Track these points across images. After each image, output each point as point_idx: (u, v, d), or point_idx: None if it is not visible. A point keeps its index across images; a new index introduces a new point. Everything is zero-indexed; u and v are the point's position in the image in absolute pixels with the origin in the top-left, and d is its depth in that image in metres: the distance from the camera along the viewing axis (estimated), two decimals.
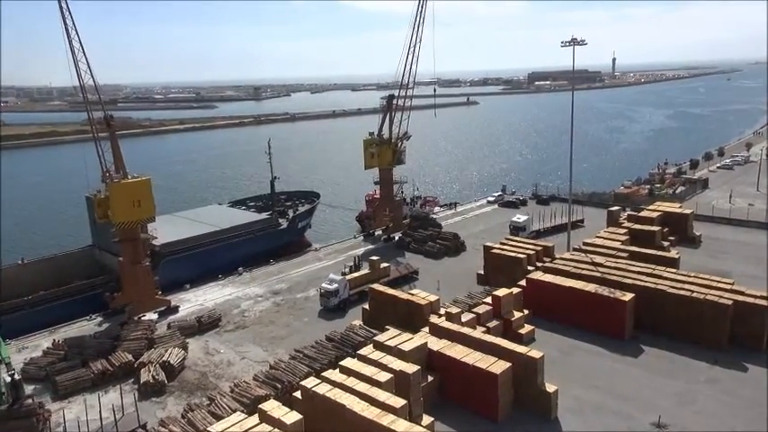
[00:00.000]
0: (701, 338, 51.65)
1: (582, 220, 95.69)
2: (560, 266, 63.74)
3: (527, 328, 56.41)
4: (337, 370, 43.17)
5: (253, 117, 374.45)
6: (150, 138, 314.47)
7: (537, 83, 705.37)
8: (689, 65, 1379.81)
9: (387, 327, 53.84)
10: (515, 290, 59.55)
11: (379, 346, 46.16)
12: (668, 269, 60.63)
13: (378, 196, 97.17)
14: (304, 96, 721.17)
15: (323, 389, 39.59)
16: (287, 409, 37.79)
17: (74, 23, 61.04)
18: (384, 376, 40.95)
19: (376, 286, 59.41)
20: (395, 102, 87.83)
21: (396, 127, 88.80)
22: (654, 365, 49.29)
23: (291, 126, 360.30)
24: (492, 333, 54.05)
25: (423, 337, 47.97)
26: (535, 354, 43.91)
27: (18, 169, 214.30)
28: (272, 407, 38.10)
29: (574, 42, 70.03)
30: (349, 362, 43.98)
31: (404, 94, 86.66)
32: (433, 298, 55.98)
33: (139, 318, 63.13)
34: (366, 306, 60.24)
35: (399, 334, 47.54)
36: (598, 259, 64.37)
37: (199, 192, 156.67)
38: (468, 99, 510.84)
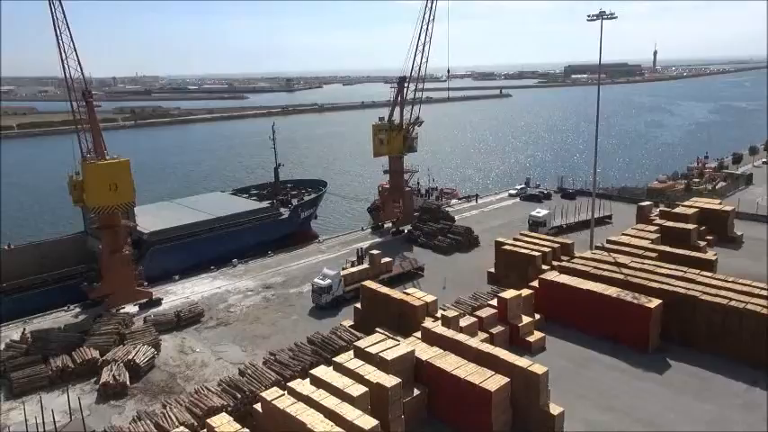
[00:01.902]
0: (739, 354, 44.33)
1: (609, 216, 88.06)
2: (579, 266, 56.83)
3: (536, 335, 49.82)
4: (308, 380, 37.76)
5: (281, 108, 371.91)
6: (177, 126, 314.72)
7: (573, 76, 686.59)
8: (735, 59, 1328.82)
9: (377, 329, 48.28)
10: (525, 291, 53.05)
11: (360, 353, 40.44)
12: (703, 273, 53.06)
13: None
14: (336, 88, 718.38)
15: (284, 403, 34.16)
16: (237, 426, 32.46)
17: (64, 14, 56.87)
18: (358, 390, 35.25)
19: (368, 283, 53.59)
20: (406, 88, 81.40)
21: (407, 112, 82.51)
22: (682, 384, 42.17)
23: (319, 116, 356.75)
24: (495, 340, 47.95)
25: (411, 344, 42.01)
26: (538, 369, 37.45)
27: (42, 154, 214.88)
28: (222, 422, 32.87)
29: (602, 16, 62.52)
30: (322, 370, 38.40)
31: (420, 86, 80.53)
32: (430, 298, 49.92)
33: (117, 310, 58.73)
34: (359, 305, 54.52)
35: (384, 339, 41.72)
36: (622, 259, 57.22)
37: (211, 179, 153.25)
38: (501, 91, 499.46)
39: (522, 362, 38.78)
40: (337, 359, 39.72)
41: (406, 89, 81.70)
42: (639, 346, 47.02)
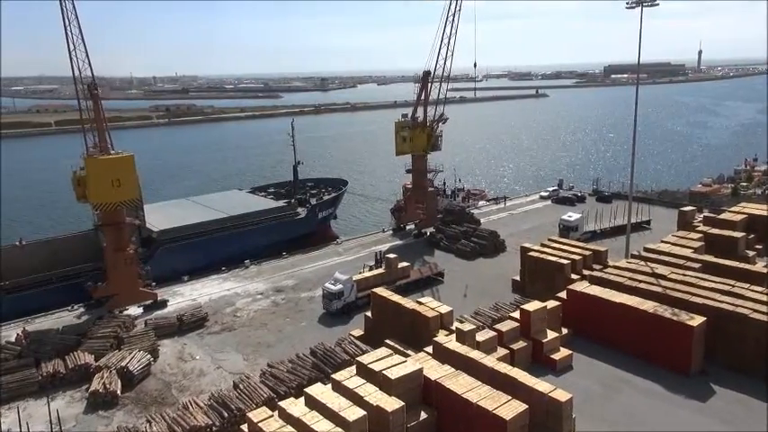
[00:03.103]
0: None
1: (648, 222, 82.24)
2: (612, 277, 51.76)
3: (563, 352, 45.10)
4: (302, 399, 34.14)
5: (312, 106, 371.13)
6: (210, 124, 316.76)
7: (613, 76, 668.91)
8: None
9: (387, 341, 44.42)
10: (552, 303, 48.38)
11: (362, 370, 36.57)
12: (752, 287, 47.41)
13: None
14: (370, 88, 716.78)
15: (271, 426, 30.70)
16: None
17: (75, 11, 54.74)
18: (354, 413, 31.38)
19: (380, 290, 49.68)
20: (430, 83, 77.23)
21: (431, 109, 78.30)
22: (727, 413, 37.09)
23: (350, 115, 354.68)
24: (517, 357, 43.52)
25: (420, 361, 37.94)
26: (561, 395, 33.00)
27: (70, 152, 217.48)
28: None
29: (642, 2, 57.19)
30: (318, 389, 34.66)
31: (446, 87, 76.45)
32: (444, 309, 45.77)
33: (120, 312, 56.30)
34: (369, 313, 50.72)
35: (390, 355, 37.68)
36: (661, 270, 51.89)
37: (235, 177, 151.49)
38: (537, 91, 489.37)
39: (543, 386, 34.33)
40: (336, 376, 35.94)
41: (430, 85, 77.50)
42: (679, 369, 41.91)
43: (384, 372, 35.32)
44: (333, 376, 36.09)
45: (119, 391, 42.12)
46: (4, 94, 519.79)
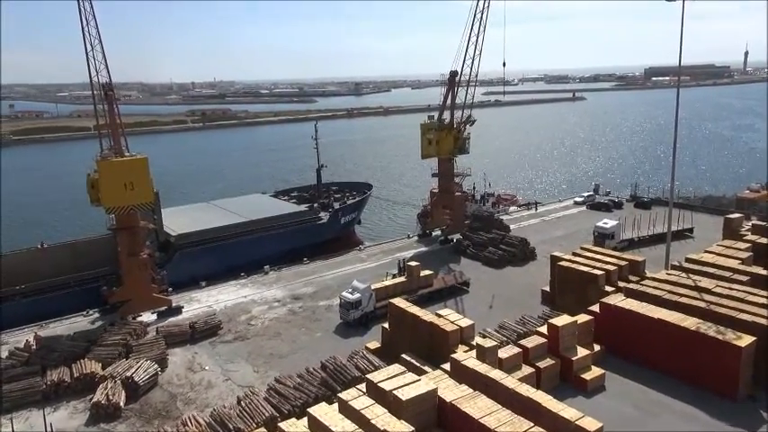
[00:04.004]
0: None
1: (690, 230, 77.25)
2: (650, 289, 47.73)
3: (594, 371, 41.44)
4: (305, 419, 31.66)
5: (345, 110, 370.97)
6: (243, 128, 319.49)
7: (654, 78, 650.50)
8: None
9: (403, 356, 41.66)
10: (583, 317, 44.77)
11: (372, 389, 33.85)
12: None
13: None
14: (404, 92, 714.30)
15: None
16: None
17: (93, 11, 53.81)
18: None
19: (397, 301, 46.93)
20: (457, 84, 74.21)
21: (459, 110, 75.24)
22: None
23: (384, 119, 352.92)
24: (543, 377, 40.13)
25: (435, 380, 34.99)
26: (590, 424, 29.63)
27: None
28: None
29: None
30: (322, 410, 32.09)
31: (474, 81, 73.42)
32: (465, 322, 42.76)
33: (134, 318, 54.96)
34: (386, 325, 48.03)
35: (402, 373, 34.79)
36: (704, 283, 47.62)
37: (263, 180, 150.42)
38: (574, 94, 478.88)
39: (569, 412, 30.98)
40: (343, 395, 33.27)
41: (457, 86, 74.46)
42: (725, 393, 37.88)
43: (395, 392, 32.48)
44: (339, 395, 33.46)
45: (122, 403, 40.46)
46: (51, 100, 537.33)
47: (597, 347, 44.12)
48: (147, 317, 56.40)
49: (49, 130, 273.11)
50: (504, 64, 77.61)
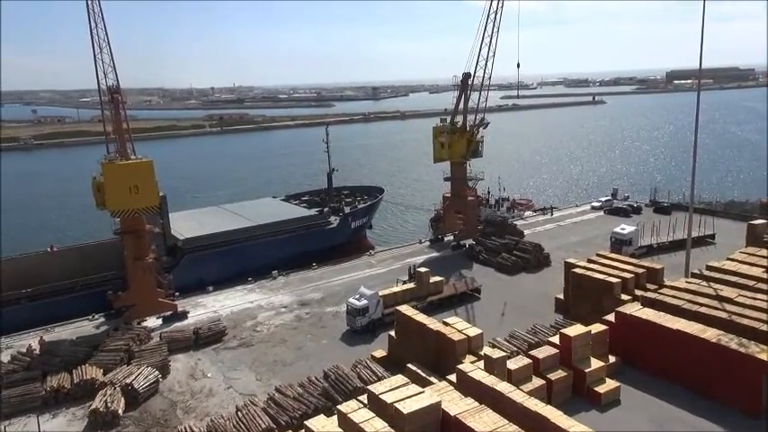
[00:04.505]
0: None
1: (712, 236, 74.65)
2: (668, 299, 45.80)
3: (609, 384, 39.61)
4: None
5: (362, 114, 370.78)
6: (260, 132, 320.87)
7: (676, 82, 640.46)
8: None
9: (409, 366, 40.19)
10: (597, 327, 42.94)
11: (374, 401, 32.50)
12: None
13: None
14: (422, 96, 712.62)
15: None
16: None
17: (101, 12, 53.40)
18: None
19: (404, 308, 45.53)
20: (470, 86, 72.70)
21: (472, 108, 73.66)
22: None
23: (401, 123, 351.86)
24: (554, 389, 38.41)
25: (440, 393, 33.53)
26: None
27: None
28: None
29: None
30: (320, 422, 30.95)
31: (487, 84, 71.95)
32: (473, 331, 41.17)
33: (139, 323, 54.25)
34: (393, 333, 46.64)
35: (406, 384, 33.41)
36: (726, 292, 45.55)
37: (276, 184, 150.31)
38: (593, 98, 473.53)
39: (580, 429, 29.36)
40: (343, 407, 31.98)
41: (470, 88, 72.94)
42: (748, 409, 35.86)
43: (396, 404, 31.12)
44: (339, 407, 32.19)
45: (120, 411, 39.54)
46: (73, 105, 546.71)
47: (612, 359, 42.32)
48: (152, 322, 55.64)
49: (69, 135, 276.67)
50: (518, 65, 75.96)
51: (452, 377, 37.00)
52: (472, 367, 36.30)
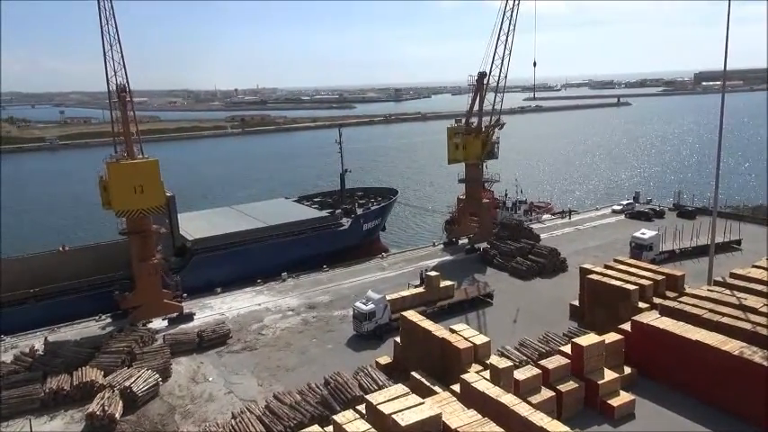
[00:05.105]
0: None
1: (738, 242, 71.65)
2: (689, 307, 43.69)
3: (623, 397, 37.78)
4: None
5: (383, 116, 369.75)
6: (281, 134, 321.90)
7: (704, 83, 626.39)
8: None
9: (413, 374, 38.73)
10: (612, 337, 41.08)
11: (371, 411, 31.12)
12: None
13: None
14: (444, 98, 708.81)
15: None
16: None
17: (114, 18, 53.02)
18: None
19: (409, 314, 44.04)
20: (486, 85, 70.89)
21: (489, 107, 71.85)
22: None
23: (422, 125, 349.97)
24: (565, 402, 36.66)
25: (442, 404, 32.02)
26: None
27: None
28: None
29: None
30: None
31: (503, 84, 70.15)
32: (480, 339, 39.55)
33: (144, 324, 53.62)
34: (398, 339, 45.19)
35: (406, 394, 31.93)
36: (751, 301, 43.31)
37: (291, 185, 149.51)
38: (618, 100, 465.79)
39: None
40: (338, 418, 30.68)
41: (485, 87, 71.14)
42: None
43: (394, 416, 29.70)
44: (334, 418, 30.88)
45: (117, 415, 38.68)
46: (101, 106, 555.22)
47: (628, 370, 40.46)
48: (158, 323, 54.97)
49: (93, 135, 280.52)
50: (534, 64, 73.90)
51: (457, 387, 35.50)
52: (476, 377, 34.74)
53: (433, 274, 56.36)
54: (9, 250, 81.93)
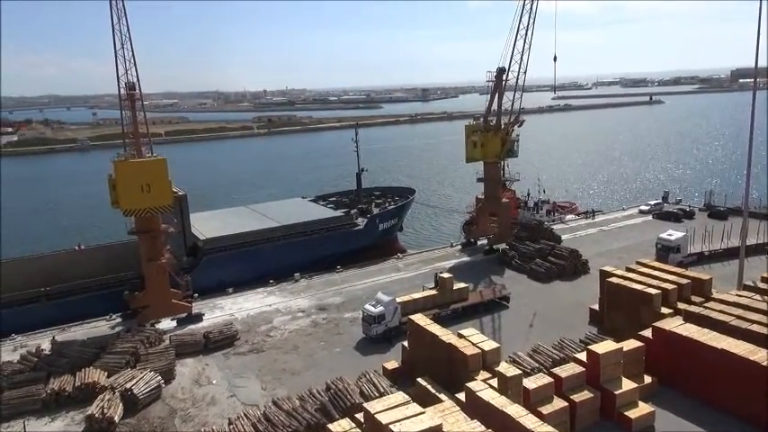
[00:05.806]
0: None
1: None
2: (715, 314, 41.05)
3: (642, 408, 35.49)
4: None
5: (408, 116, 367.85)
6: (307, 134, 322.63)
7: (741, 81, 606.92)
8: None
9: (419, 380, 37.09)
10: (631, 344, 38.79)
11: (369, 420, 29.60)
12: None
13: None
14: (472, 98, 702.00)
15: None
16: None
17: (124, 8, 52.58)
18: None
19: (417, 317, 42.37)
20: (505, 81, 68.78)
21: (508, 103, 69.77)
22: None
23: (447, 124, 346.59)
24: (579, 412, 34.58)
25: (444, 414, 30.33)
26: None
27: (175, 159, 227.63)
28: None
29: None
30: None
31: (522, 79, 68.07)
32: (489, 345, 37.68)
33: (152, 325, 53.06)
34: (406, 343, 43.60)
35: (406, 403, 30.30)
36: None
37: (315, 184, 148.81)
38: (651, 98, 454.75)
39: None
40: (334, 427, 29.29)
41: (504, 83, 69.00)
42: None
43: (392, 426, 28.11)
44: (329, 427, 29.49)
45: (117, 418, 37.99)
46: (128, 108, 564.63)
47: (648, 379, 38.16)
48: (166, 324, 54.41)
49: (121, 136, 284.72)
50: (554, 59, 71.42)
51: (462, 396, 33.75)
52: (482, 386, 32.92)
53: (446, 276, 54.51)
54: (32, 249, 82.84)
